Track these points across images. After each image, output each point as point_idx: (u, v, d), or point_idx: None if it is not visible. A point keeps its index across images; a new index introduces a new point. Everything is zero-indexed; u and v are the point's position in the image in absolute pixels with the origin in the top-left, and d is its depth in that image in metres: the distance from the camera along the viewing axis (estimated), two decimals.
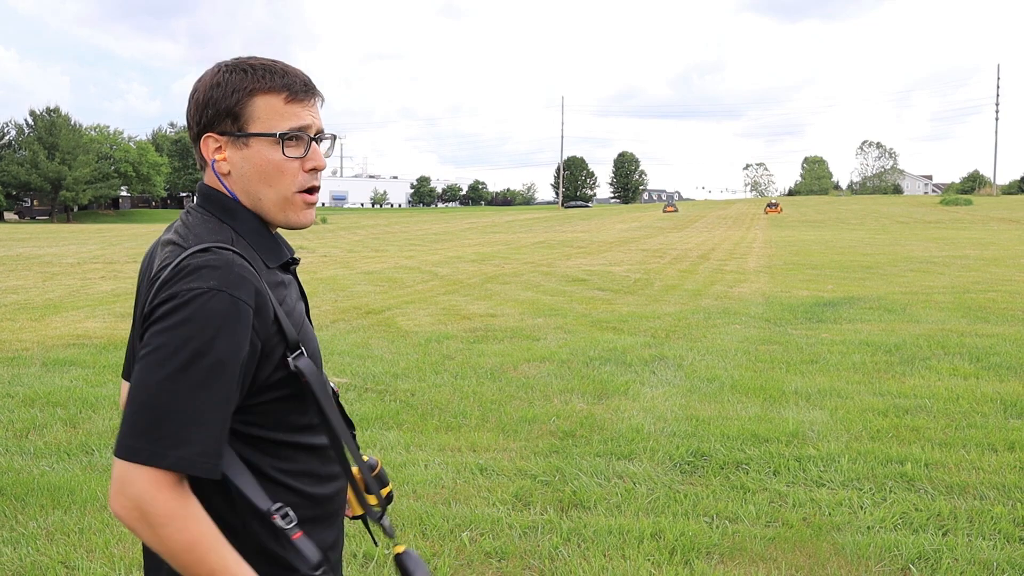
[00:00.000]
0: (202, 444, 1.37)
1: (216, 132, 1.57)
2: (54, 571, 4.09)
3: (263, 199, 1.59)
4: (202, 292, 1.39)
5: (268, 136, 1.55)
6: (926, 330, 10.77)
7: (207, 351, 1.38)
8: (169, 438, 1.35)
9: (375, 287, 17.22)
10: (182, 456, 1.35)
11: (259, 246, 1.58)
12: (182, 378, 1.37)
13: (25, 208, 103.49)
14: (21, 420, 6.76)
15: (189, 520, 1.38)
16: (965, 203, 75.13)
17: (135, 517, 1.37)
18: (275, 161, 1.56)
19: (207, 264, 1.43)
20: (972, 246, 28.55)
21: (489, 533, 4.48)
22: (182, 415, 1.36)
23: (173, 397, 1.36)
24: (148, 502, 1.35)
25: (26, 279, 19.60)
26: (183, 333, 1.38)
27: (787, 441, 5.97)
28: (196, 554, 1.38)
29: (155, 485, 1.35)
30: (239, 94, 1.55)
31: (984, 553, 4.18)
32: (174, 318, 1.39)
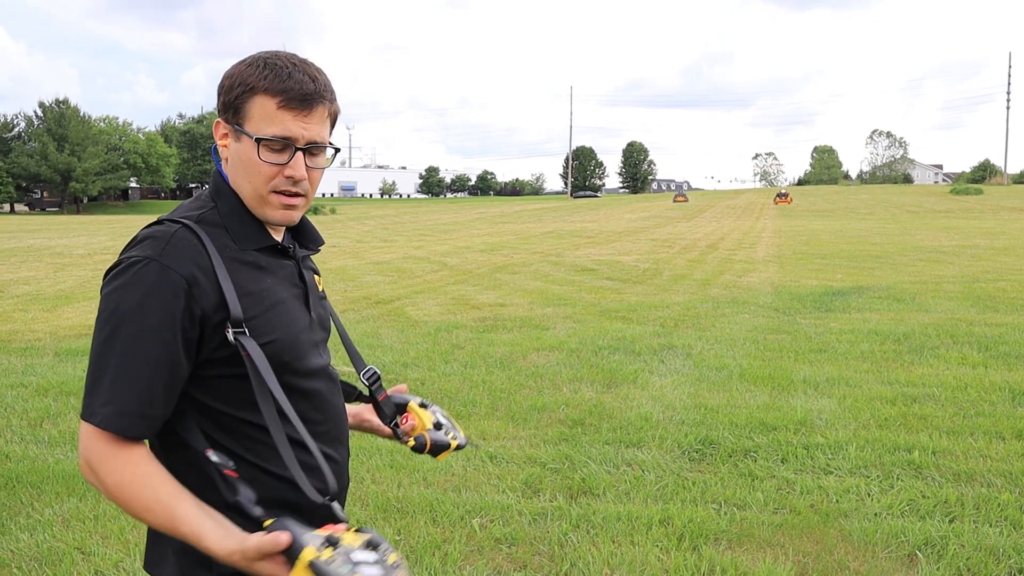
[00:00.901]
0: (122, 404, 1.47)
1: (223, 119, 1.64)
2: (70, 557, 4.15)
3: (243, 191, 1.64)
4: (136, 261, 1.50)
5: (247, 135, 1.59)
6: (935, 319, 10.77)
7: (132, 317, 1.48)
8: (100, 396, 1.48)
9: (384, 277, 17.27)
10: (106, 414, 1.47)
11: (234, 227, 1.63)
12: (111, 341, 1.49)
13: (35, 200, 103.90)
14: (35, 409, 6.83)
15: (120, 463, 1.48)
16: (975, 192, 74.74)
17: (85, 469, 1.50)
18: (253, 160, 1.59)
19: (150, 235, 1.54)
20: (982, 235, 28.47)
21: (499, 520, 4.53)
22: (109, 376, 1.48)
23: (104, 358, 1.49)
24: (89, 451, 1.48)
25: (37, 270, 19.71)
26: (115, 299, 1.50)
27: (795, 429, 6.00)
28: (126, 492, 1.47)
29: (94, 438, 1.48)
30: (241, 89, 1.58)
31: (990, 539, 4.20)
32: (111, 285, 1.51)
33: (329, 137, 1.66)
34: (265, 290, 1.62)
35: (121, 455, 1.48)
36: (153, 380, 1.47)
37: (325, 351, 1.78)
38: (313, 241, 1.80)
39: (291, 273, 1.72)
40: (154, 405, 1.49)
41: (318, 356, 1.72)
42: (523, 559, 4.10)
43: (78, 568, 4.06)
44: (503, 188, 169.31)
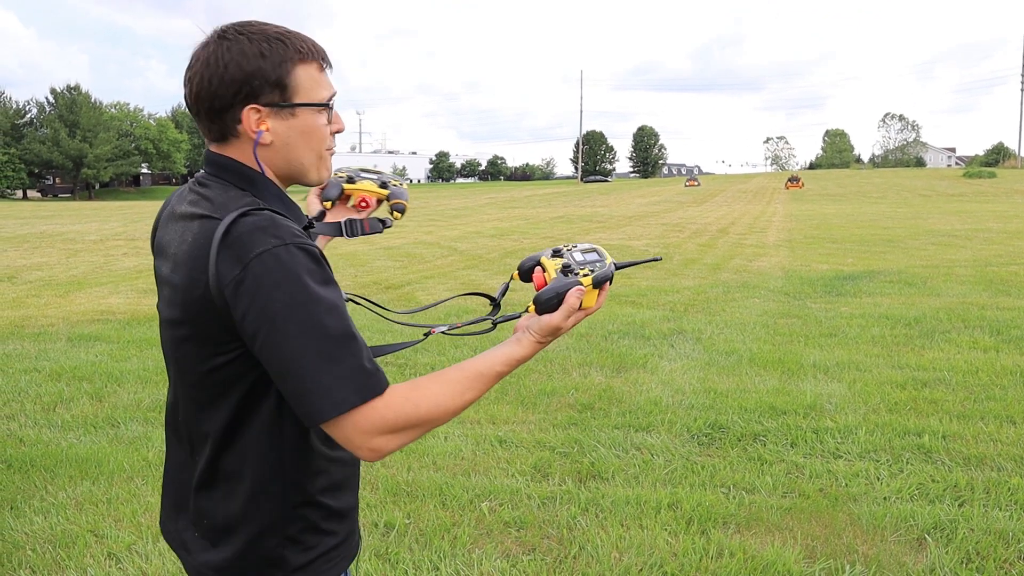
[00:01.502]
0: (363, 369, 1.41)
1: (261, 103, 1.55)
2: (84, 539, 4.19)
3: (304, 162, 1.62)
4: (267, 251, 1.40)
5: (315, 106, 1.59)
6: (946, 303, 10.73)
7: (308, 300, 1.40)
8: (340, 380, 1.39)
9: (395, 262, 17.29)
10: (359, 387, 1.40)
11: (283, 208, 1.59)
12: (309, 333, 1.39)
13: (47, 186, 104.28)
14: (48, 394, 6.88)
15: (412, 396, 1.45)
16: (989, 176, 74.27)
17: (393, 440, 1.44)
18: (318, 127, 1.60)
19: (256, 227, 1.43)
20: (995, 219, 28.31)
21: (508, 503, 4.55)
22: (331, 360, 1.39)
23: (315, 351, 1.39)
24: (387, 422, 1.42)
25: (50, 256, 19.80)
26: (279, 297, 1.39)
27: (805, 413, 6.00)
28: (446, 402, 1.48)
29: (374, 412, 1.41)
30: (287, 64, 1.54)
31: (1000, 523, 4.20)
32: (263, 291, 1.40)
33: None
34: None
35: (405, 390, 1.45)
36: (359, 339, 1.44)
37: None
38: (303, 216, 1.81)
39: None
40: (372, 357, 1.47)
41: None
42: (532, 542, 4.12)
43: (91, 550, 4.10)
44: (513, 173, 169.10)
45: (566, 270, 1.65)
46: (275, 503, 1.57)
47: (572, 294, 1.58)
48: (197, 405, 1.57)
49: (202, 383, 1.54)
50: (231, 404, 1.52)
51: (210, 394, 1.54)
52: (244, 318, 1.41)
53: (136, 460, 5.26)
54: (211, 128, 1.58)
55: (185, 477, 1.65)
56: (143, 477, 4.99)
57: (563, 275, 1.64)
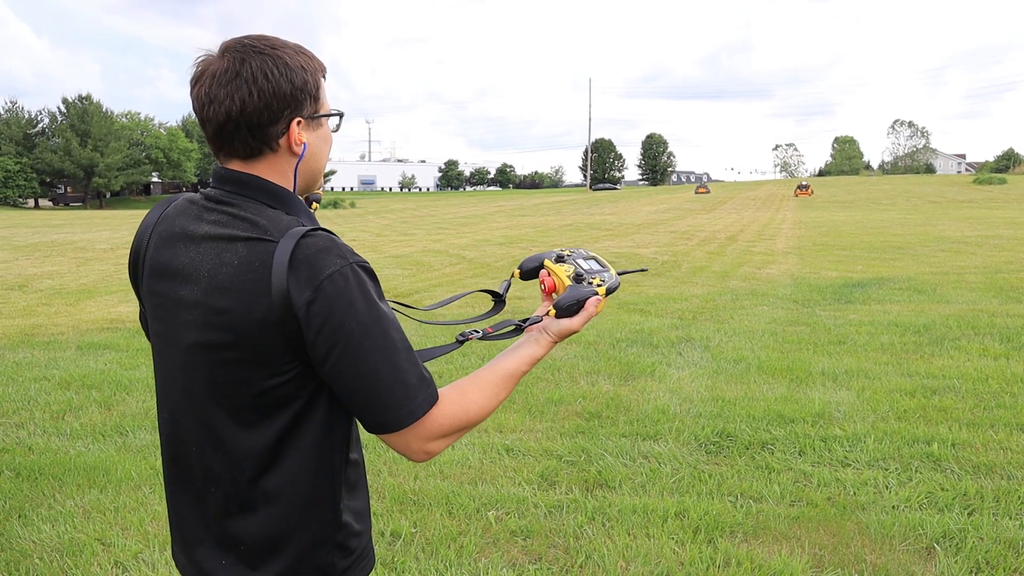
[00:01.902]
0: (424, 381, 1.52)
1: (304, 116, 1.57)
2: (91, 548, 4.20)
3: (322, 169, 1.70)
4: (337, 271, 1.45)
5: (334, 115, 1.66)
6: (956, 310, 10.69)
7: (379, 315, 1.48)
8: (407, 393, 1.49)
9: (403, 271, 17.31)
10: (423, 401, 1.51)
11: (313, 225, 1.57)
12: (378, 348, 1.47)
13: (59, 195, 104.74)
14: (57, 402, 6.90)
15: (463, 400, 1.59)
16: (999, 182, 73.93)
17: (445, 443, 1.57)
18: (330, 137, 1.68)
19: (320, 248, 1.47)
20: (1005, 225, 28.19)
21: (515, 512, 4.54)
22: (398, 374, 1.49)
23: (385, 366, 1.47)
24: (442, 429, 1.54)
25: (61, 264, 19.89)
26: (354, 314, 1.45)
27: (813, 421, 5.98)
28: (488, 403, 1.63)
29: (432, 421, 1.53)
30: (316, 77, 1.59)
31: (1010, 532, 4.18)
32: (338, 308, 1.45)
33: None
34: None
35: (452, 397, 1.57)
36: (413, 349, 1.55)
37: None
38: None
39: None
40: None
41: None
42: (538, 551, 4.11)
43: (98, 559, 4.11)
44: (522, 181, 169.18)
45: (579, 278, 1.77)
46: (325, 514, 1.60)
47: (592, 302, 1.74)
48: (234, 429, 1.54)
49: (248, 405, 1.52)
50: (278, 424, 1.53)
51: (253, 416, 1.53)
52: (317, 337, 1.45)
53: (144, 468, 5.27)
54: (248, 144, 1.54)
55: (199, 510, 1.62)
56: (151, 486, 4.99)
57: (577, 283, 1.75)
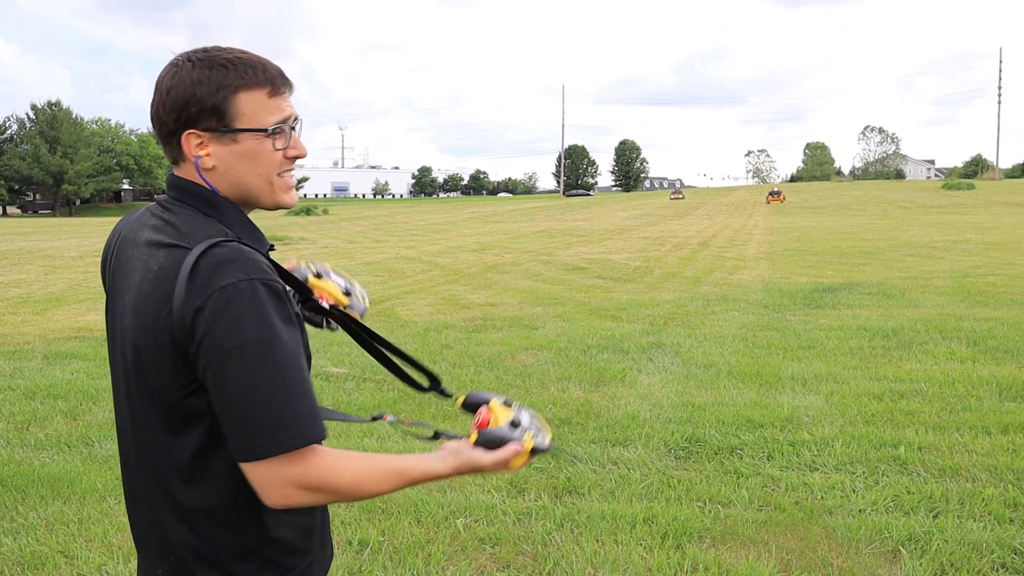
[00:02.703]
0: (308, 416, 1.45)
1: (199, 129, 1.57)
2: (54, 561, 4.14)
3: (252, 186, 1.61)
4: (234, 285, 1.43)
5: (259, 132, 1.58)
6: (924, 315, 10.79)
7: (270, 337, 1.43)
8: (283, 423, 1.42)
9: (375, 277, 17.26)
10: (298, 434, 1.43)
11: (246, 235, 1.60)
12: (263, 369, 1.42)
13: (27, 202, 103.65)
14: (22, 412, 6.81)
15: (339, 464, 1.49)
16: (968, 187, 74.92)
17: (303, 495, 1.46)
18: (263, 152, 1.59)
19: (224, 259, 1.45)
20: (973, 230, 28.54)
21: (483, 519, 4.53)
22: (281, 401, 1.43)
23: (266, 390, 1.42)
24: (303, 478, 1.45)
25: (28, 272, 19.67)
26: (241, 330, 1.41)
27: (782, 426, 6.01)
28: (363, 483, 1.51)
29: (299, 463, 1.44)
30: (224, 91, 1.55)
31: (974, 534, 4.21)
32: (225, 321, 1.42)
33: None
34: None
35: (331, 458, 1.48)
36: (310, 384, 1.49)
37: None
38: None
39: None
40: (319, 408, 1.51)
41: None
42: (506, 559, 4.10)
43: (61, 572, 4.05)
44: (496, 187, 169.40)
45: (515, 424, 1.74)
46: (250, 529, 1.57)
47: (511, 447, 1.66)
48: (163, 436, 1.55)
49: (172, 414, 1.52)
50: (196, 435, 1.52)
51: (177, 425, 1.53)
52: (199, 348, 1.43)
53: (110, 479, 5.21)
54: (166, 151, 1.62)
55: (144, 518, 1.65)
56: (116, 496, 4.93)
57: (512, 426, 1.73)
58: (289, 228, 42.02)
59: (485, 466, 1.64)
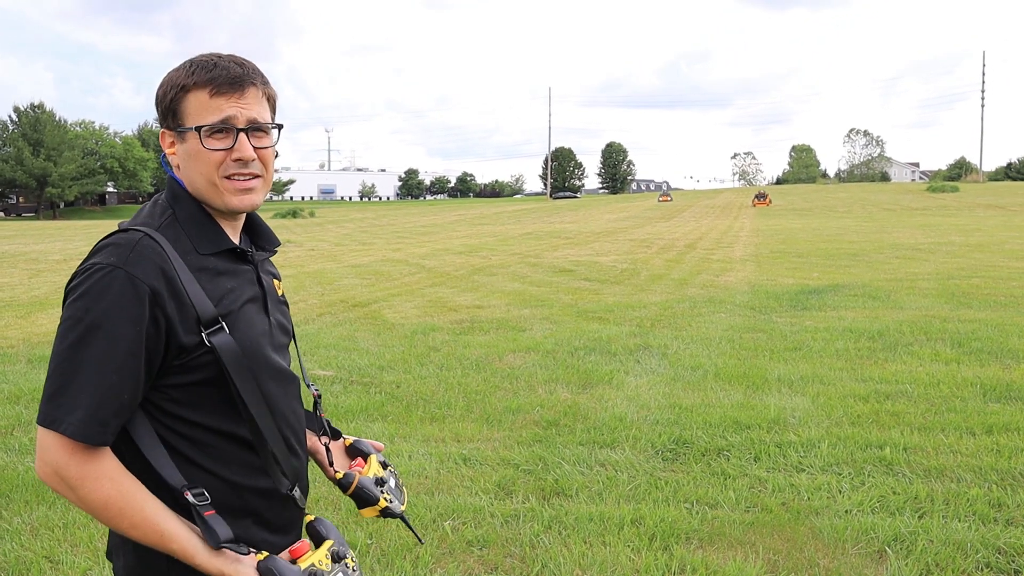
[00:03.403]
0: (88, 411, 1.45)
1: (166, 128, 1.66)
2: (38, 566, 4.11)
3: (200, 187, 1.65)
4: (100, 268, 1.49)
5: (190, 130, 1.62)
6: (909, 316, 10.84)
7: (100, 324, 1.46)
8: (65, 405, 1.45)
9: (362, 280, 17.23)
10: (72, 422, 1.44)
11: (193, 232, 1.64)
12: (77, 348, 1.46)
13: (11, 205, 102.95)
14: (6, 417, 6.77)
15: (102, 480, 1.47)
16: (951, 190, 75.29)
17: (56, 482, 1.48)
18: (201, 152, 1.62)
19: (113, 243, 1.53)
20: (957, 232, 28.70)
21: (471, 522, 4.52)
22: (76, 384, 1.46)
23: (69, 366, 1.46)
24: (62, 467, 1.46)
25: (12, 276, 19.54)
26: (81, 306, 1.48)
27: (768, 427, 6.03)
28: (113, 511, 1.48)
29: (65, 450, 1.46)
30: (175, 91, 1.62)
31: (959, 534, 4.23)
32: (76, 292, 1.49)
33: (271, 119, 1.70)
34: (224, 295, 1.62)
35: (100, 469, 1.47)
36: (120, 387, 1.48)
37: (285, 355, 1.79)
38: (269, 242, 1.82)
39: (250, 278, 1.72)
40: (119, 413, 1.49)
41: (278, 360, 1.73)
42: (494, 561, 4.10)
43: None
44: (483, 190, 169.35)
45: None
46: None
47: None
48: None
49: None
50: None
51: None
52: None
53: None
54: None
55: None
56: None
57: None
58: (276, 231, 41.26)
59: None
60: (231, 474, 1.62)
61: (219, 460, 1.61)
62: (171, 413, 1.57)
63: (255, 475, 1.65)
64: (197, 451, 1.59)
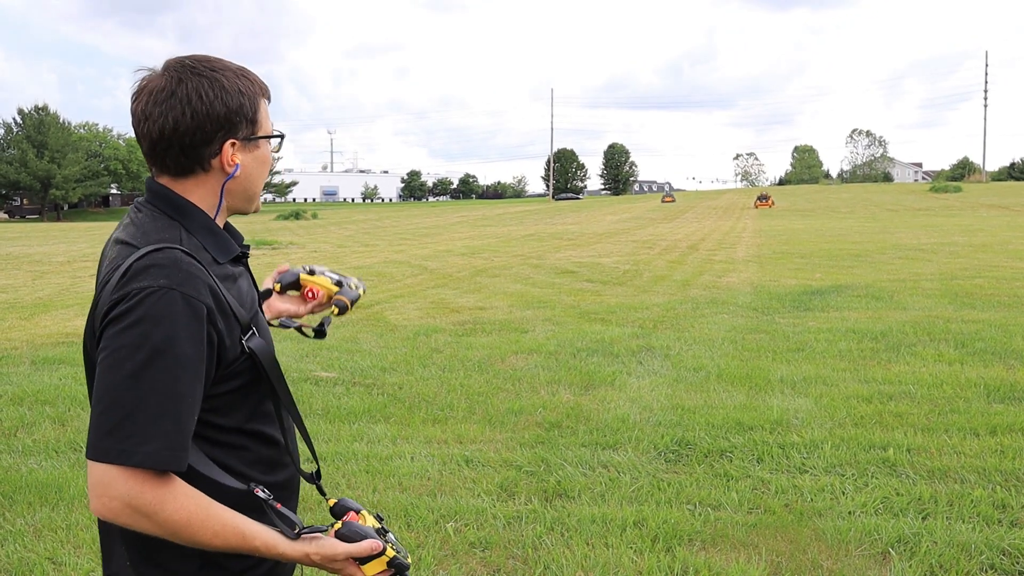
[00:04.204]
0: (166, 439, 1.42)
1: (238, 139, 1.61)
2: (41, 567, 4.12)
3: (258, 191, 1.70)
4: (154, 291, 1.43)
5: (274, 137, 1.68)
6: (912, 317, 10.83)
7: (165, 349, 1.42)
8: (137, 436, 1.40)
9: (365, 282, 17.19)
10: (148, 452, 1.40)
11: (210, 243, 1.62)
12: (143, 377, 1.41)
13: (15, 207, 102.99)
14: (10, 419, 6.77)
15: (180, 498, 1.45)
16: (955, 190, 75.18)
17: (128, 514, 1.42)
18: (270, 156, 1.69)
19: (156, 263, 1.46)
20: (961, 233, 28.65)
21: (474, 524, 4.52)
22: (146, 413, 1.41)
23: (136, 396, 1.40)
24: (135, 497, 1.41)
25: (16, 278, 19.57)
26: (140, 332, 1.41)
27: (771, 428, 6.02)
28: (196, 525, 1.46)
29: (137, 480, 1.41)
30: (255, 100, 1.63)
31: (963, 536, 4.23)
32: (129, 318, 1.43)
33: None
34: (243, 299, 1.64)
35: (176, 490, 1.45)
36: (192, 411, 1.47)
37: None
38: (241, 242, 1.81)
39: (248, 279, 1.74)
40: (190, 435, 1.48)
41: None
42: (496, 563, 4.09)
43: None
44: (485, 191, 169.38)
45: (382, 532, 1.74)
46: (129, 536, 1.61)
47: (370, 542, 1.62)
48: None
49: None
50: None
51: None
52: (101, 335, 1.46)
53: None
54: (179, 162, 1.60)
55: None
56: None
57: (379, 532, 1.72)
58: (278, 232, 41.95)
59: (339, 555, 1.60)
60: (256, 472, 1.64)
61: (244, 460, 1.63)
62: (203, 421, 1.56)
63: (274, 470, 1.69)
64: (223, 454, 1.60)
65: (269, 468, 1.68)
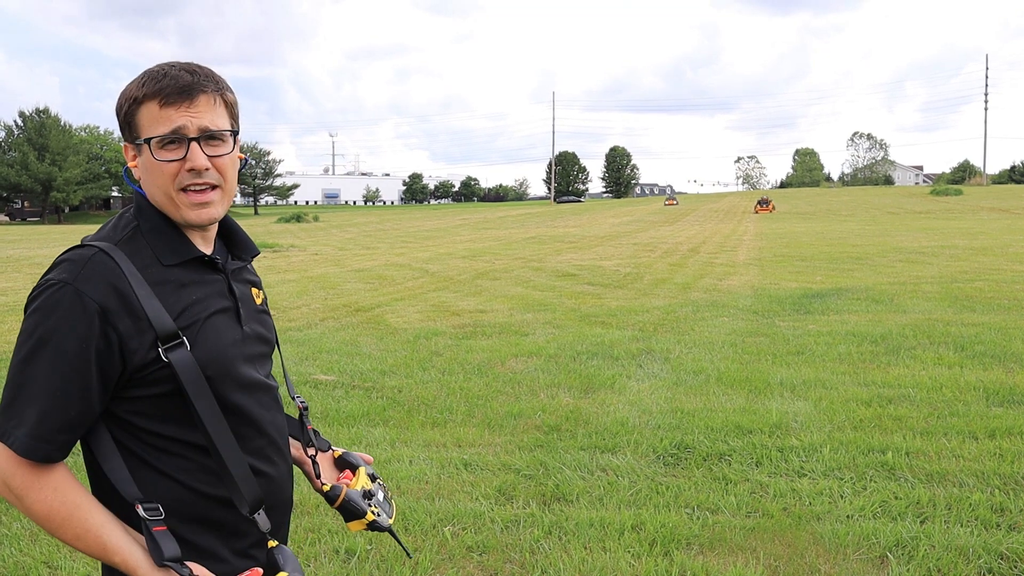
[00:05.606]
0: (35, 429, 1.47)
1: (126, 142, 1.64)
2: (37, 571, 4.11)
3: (159, 201, 1.63)
4: (52, 284, 1.50)
5: (143, 142, 1.60)
6: (912, 320, 10.82)
7: (47, 339, 1.48)
8: (15, 419, 1.47)
9: (365, 284, 17.23)
10: (19, 438, 1.46)
11: (157, 243, 1.61)
12: (26, 363, 1.49)
13: (16, 210, 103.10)
14: None
15: (45, 490, 1.49)
16: (955, 193, 75.23)
17: (4, 491, 1.50)
18: (155, 164, 1.59)
19: (68, 259, 1.54)
20: (961, 236, 28.62)
21: (471, 527, 4.51)
22: (22, 398, 1.48)
23: (19, 380, 1.49)
24: (9, 477, 1.48)
25: (16, 281, 19.57)
26: (32, 321, 1.51)
27: (770, 432, 6.01)
28: (55, 521, 1.49)
29: (13, 461, 1.48)
30: (128, 104, 1.61)
31: (961, 539, 4.21)
32: (30, 308, 1.52)
33: (230, 125, 1.66)
34: (188, 307, 1.60)
35: (44, 480, 1.49)
36: (65, 404, 1.48)
37: (262, 365, 1.76)
38: (246, 250, 1.79)
39: (220, 288, 1.69)
40: (65, 429, 1.49)
41: (251, 371, 1.70)
42: (494, 567, 4.08)
43: None
44: (487, 194, 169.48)
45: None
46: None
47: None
48: None
49: None
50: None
51: None
52: None
53: None
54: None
55: None
56: None
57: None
58: (279, 235, 41.95)
59: None
60: (196, 483, 1.60)
61: (183, 469, 1.59)
62: (136, 424, 1.57)
63: (219, 484, 1.62)
64: (163, 459, 1.58)
65: (214, 481, 1.61)
